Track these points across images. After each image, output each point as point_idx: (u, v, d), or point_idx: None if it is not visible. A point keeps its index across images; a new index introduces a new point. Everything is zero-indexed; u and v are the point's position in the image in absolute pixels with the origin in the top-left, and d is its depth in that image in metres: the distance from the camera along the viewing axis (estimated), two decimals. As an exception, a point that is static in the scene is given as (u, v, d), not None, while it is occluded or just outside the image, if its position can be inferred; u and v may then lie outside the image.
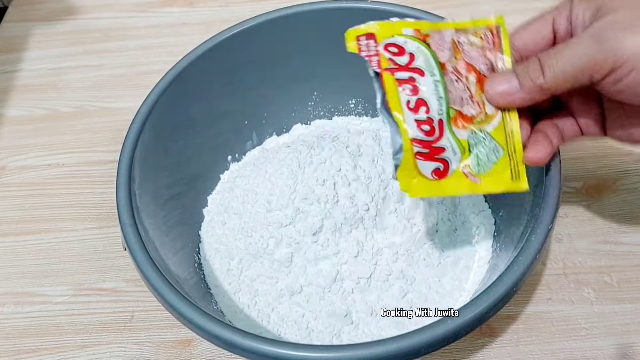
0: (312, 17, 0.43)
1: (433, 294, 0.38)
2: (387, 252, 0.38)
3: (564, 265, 0.42)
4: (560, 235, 0.43)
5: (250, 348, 0.27)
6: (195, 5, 0.66)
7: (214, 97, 0.44)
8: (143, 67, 0.60)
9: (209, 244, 0.42)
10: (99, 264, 0.45)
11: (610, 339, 0.38)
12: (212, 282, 0.40)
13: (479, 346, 0.38)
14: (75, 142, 0.54)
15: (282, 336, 0.37)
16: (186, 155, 0.43)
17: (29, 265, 0.45)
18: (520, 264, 0.29)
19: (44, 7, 0.68)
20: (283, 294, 0.38)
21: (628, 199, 0.45)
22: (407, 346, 0.26)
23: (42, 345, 0.41)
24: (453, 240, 0.40)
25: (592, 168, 0.47)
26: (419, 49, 0.28)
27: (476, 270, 0.39)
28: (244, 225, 0.40)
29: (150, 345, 0.40)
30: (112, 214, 0.47)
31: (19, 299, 0.43)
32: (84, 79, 0.59)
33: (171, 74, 0.40)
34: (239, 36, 0.43)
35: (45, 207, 0.49)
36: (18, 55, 0.62)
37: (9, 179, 0.51)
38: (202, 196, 0.45)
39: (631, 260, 0.41)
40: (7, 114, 0.57)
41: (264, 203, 0.40)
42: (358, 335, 0.37)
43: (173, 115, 0.41)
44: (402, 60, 0.28)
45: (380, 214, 0.39)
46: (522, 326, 0.39)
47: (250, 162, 0.46)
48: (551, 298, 0.40)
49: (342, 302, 0.37)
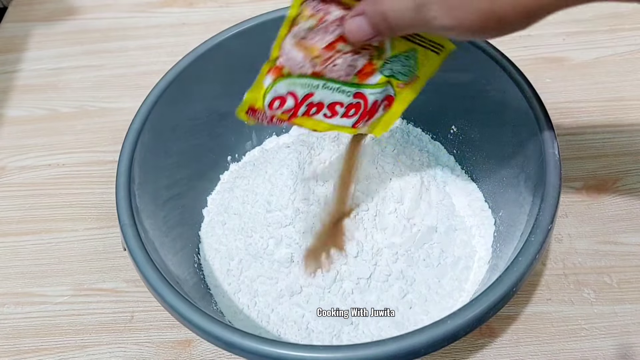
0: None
1: (433, 294, 0.38)
2: (387, 252, 0.38)
3: (564, 266, 0.42)
4: (560, 235, 0.43)
5: (250, 348, 0.27)
6: (195, 6, 0.66)
7: (214, 97, 0.44)
8: (143, 67, 0.60)
9: (209, 244, 0.42)
10: (99, 264, 0.45)
11: (610, 340, 0.38)
12: (212, 282, 0.40)
13: (479, 346, 0.38)
14: (75, 142, 0.54)
15: (282, 337, 0.37)
16: (186, 156, 0.43)
17: (29, 265, 0.45)
18: (520, 264, 0.29)
19: (43, 7, 0.68)
20: (283, 295, 0.38)
21: (628, 199, 0.45)
22: (407, 346, 0.26)
23: (42, 345, 0.41)
24: (453, 241, 0.40)
25: (592, 168, 0.47)
26: (289, 83, 0.30)
27: (476, 271, 0.39)
28: (243, 225, 0.40)
29: (150, 346, 0.40)
30: (112, 214, 0.47)
31: (19, 299, 0.43)
32: (83, 79, 0.59)
33: (171, 74, 0.40)
34: (239, 36, 0.43)
35: (45, 207, 0.49)
36: (18, 56, 0.62)
37: (9, 179, 0.51)
38: (201, 196, 0.45)
39: (631, 260, 0.41)
40: (7, 114, 0.57)
41: (263, 203, 0.40)
42: (358, 335, 0.37)
43: (173, 115, 0.41)
44: (290, 103, 0.30)
45: (380, 214, 0.39)
46: (522, 327, 0.39)
47: (250, 162, 0.46)
48: (551, 298, 0.40)
49: (342, 302, 0.37)
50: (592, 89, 0.53)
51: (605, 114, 0.51)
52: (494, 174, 0.41)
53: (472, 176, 0.45)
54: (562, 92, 0.52)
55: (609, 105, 0.51)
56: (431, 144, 0.47)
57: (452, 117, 0.45)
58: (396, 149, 0.44)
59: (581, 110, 0.51)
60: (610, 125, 0.50)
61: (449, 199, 0.43)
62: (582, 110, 0.51)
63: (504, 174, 0.40)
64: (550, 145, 0.33)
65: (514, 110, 0.37)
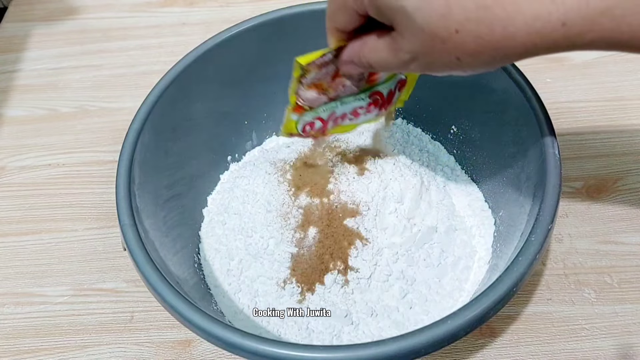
0: (312, 17, 0.43)
1: (433, 294, 0.38)
2: (387, 252, 0.38)
3: (564, 266, 0.42)
4: (560, 235, 0.43)
5: (250, 348, 0.27)
6: (195, 5, 0.66)
7: (214, 97, 0.44)
8: (143, 67, 0.60)
9: (209, 244, 0.42)
10: (99, 264, 0.45)
11: (611, 340, 0.38)
12: (212, 282, 0.40)
13: (479, 346, 0.38)
14: (75, 142, 0.54)
15: (282, 336, 0.37)
16: (186, 156, 0.43)
17: (29, 266, 0.45)
18: (520, 264, 0.29)
19: (43, 7, 0.68)
20: (283, 295, 0.38)
21: (628, 199, 0.45)
22: (407, 346, 0.26)
23: (42, 345, 0.41)
24: (453, 241, 0.40)
25: (592, 168, 0.47)
26: (312, 114, 0.35)
27: (476, 271, 0.39)
28: (244, 225, 0.40)
29: (150, 346, 0.40)
30: (112, 214, 0.47)
31: (18, 299, 0.43)
32: (83, 79, 0.59)
33: (171, 74, 0.40)
34: (239, 36, 0.43)
35: (45, 207, 0.49)
36: (18, 55, 0.62)
37: (9, 179, 0.51)
38: (202, 196, 0.45)
39: (631, 260, 0.41)
40: (7, 114, 0.57)
41: (263, 203, 0.40)
42: (358, 335, 0.37)
43: (173, 115, 0.41)
44: (318, 125, 0.36)
45: (380, 214, 0.39)
46: (523, 327, 0.39)
47: (250, 162, 0.46)
48: (551, 298, 0.40)
49: (342, 302, 0.37)
50: (592, 89, 0.53)
51: (605, 114, 0.51)
52: (494, 173, 0.41)
53: (472, 176, 0.45)
54: (562, 92, 0.52)
55: (609, 105, 0.51)
56: (431, 144, 0.47)
57: (452, 117, 0.45)
58: (396, 149, 0.44)
59: (581, 110, 0.51)
60: (610, 125, 0.50)
61: (449, 199, 0.43)
62: (582, 110, 0.51)
63: (504, 174, 0.40)
64: (550, 145, 0.33)
65: (514, 110, 0.37)
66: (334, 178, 0.40)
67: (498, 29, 0.22)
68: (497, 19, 0.22)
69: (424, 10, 0.23)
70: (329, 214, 0.39)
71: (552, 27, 0.22)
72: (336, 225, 0.38)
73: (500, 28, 0.22)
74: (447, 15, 0.23)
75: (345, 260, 0.38)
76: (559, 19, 0.22)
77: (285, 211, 0.39)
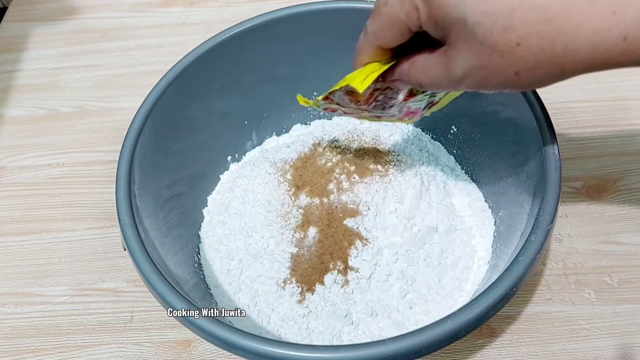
0: (312, 17, 0.43)
1: (433, 294, 0.38)
2: (387, 252, 0.38)
3: (564, 266, 0.42)
4: (560, 235, 0.43)
5: (250, 348, 0.27)
6: (195, 5, 0.66)
7: (214, 97, 0.44)
8: (143, 67, 0.60)
9: (209, 244, 0.42)
10: (99, 264, 0.45)
11: (612, 340, 0.38)
12: (212, 282, 0.40)
13: (479, 346, 0.38)
14: (75, 142, 0.54)
15: (282, 336, 0.37)
16: (186, 156, 0.43)
17: (29, 265, 0.45)
18: (520, 264, 0.29)
19: (43, 7, 0.68)
20: (283, 295, 0.38)
21: (628, 199, 0.45)
22: (407, 346, 0.26)
23: (42, 345, 0.41)
24: (453, 241, 0.40)
25: (592, 168, 0.47)
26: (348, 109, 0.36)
27: (476, 271, 0.39)
28: (244, 225, 0.40)
29: (150, 346, 0.40)
30: (112, 214, 0.47)
31: (18, 299, 0.43)
32: (83, 79, 0.59)
33: (171, 74, 0.40)
34: (239, 36, 0.42)
35: (45, 207, 0.49)
36: (18, 55, 0.62)
37: (9, 179, 0.51)
38: (202, 196, 0.45)
39: (632, 260, 0.41)
40: (7, 114, 0.57)
41: (263, 203, 0.40)
42: (358, 335, 0.37)
43: (173, 115, 0.41)
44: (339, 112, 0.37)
45: (381, 213, 0.39)
46: (523, 327, 0.39)
47: (250, 162, 0.46)
48: (551, 298, 0.40)
49: (342, 302, 0.37)
50: (592, 89, 0.53)
51: (605, 114, 0.51)
52: (494, 173, 0.41)
53: (472, 176, 0.45)
54: (562, 92, 0.52)
55: (609, 105, 0.51)
56: (431, 144, 0.47)
57: (452, 117, 0.45)
58: (396, 148, 0.44)
59: (581, 110, 0.51)
60: (610, 125, 0.50)
61: (449, 198, 0.43)
62: (582, 110, 0.51)
63: (504, 174, 0.40)
64: (550, 145, 0.33)
65: (514, 110, 0.37)
66: (334, 178, 0.40)
67: (560, 44, 0.22)
68: (559, 33, 0.22)
69: (485, 24, 0.23)
70: (329, 214, 0.39)
71: (613, 42, 0.22)
72: (336, 225, 0.38)
73: (562, 44, 0.22)
74: (510, 28, 0.22)
75: (345, 260, 0.38)
76: (620, 34, 0.21)
77: (285, 211, 0.39)
